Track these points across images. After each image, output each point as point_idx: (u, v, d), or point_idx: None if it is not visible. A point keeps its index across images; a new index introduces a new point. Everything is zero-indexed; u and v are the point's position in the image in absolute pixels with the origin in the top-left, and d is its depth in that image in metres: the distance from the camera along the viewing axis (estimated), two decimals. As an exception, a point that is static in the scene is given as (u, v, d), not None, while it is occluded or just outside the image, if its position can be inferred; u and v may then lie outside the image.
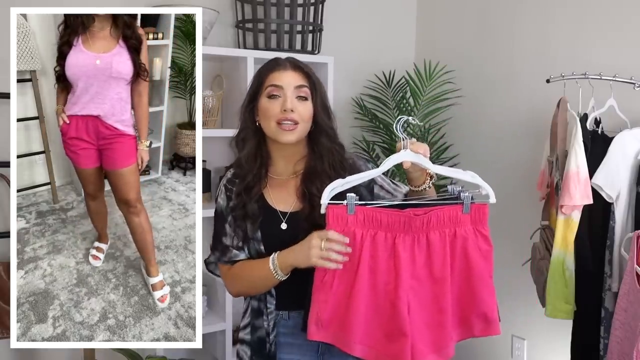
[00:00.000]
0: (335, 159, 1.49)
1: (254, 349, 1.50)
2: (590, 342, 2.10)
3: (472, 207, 1.33)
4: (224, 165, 2.73)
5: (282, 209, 1.49)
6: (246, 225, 1.46)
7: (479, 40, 2.95)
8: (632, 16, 2.27)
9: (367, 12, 3.17)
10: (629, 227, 2.03)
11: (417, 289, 1.31)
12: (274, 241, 1.46)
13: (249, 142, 1.48)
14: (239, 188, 1.47)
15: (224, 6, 2.73)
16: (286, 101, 1.41)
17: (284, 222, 1.48)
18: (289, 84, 1.43)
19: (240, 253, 1.49)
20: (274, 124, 1.42)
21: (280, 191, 1.51)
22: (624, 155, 2.02)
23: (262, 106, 1.45)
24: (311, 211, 1.44)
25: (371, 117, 2.98)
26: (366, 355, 1.31)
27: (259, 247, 1.47)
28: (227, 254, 1.49)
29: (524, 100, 2.70)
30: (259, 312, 1.49)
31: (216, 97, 2.62)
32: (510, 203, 2.74)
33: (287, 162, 1.51)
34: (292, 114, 1.41)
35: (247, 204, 1.45)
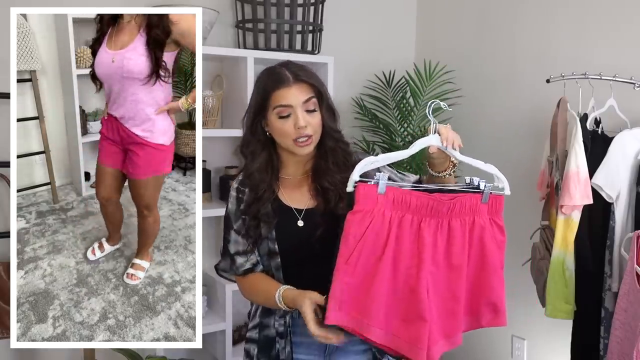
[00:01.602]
0: (340, 157, 1.51)
1: (261, 347, 1.51)
2: (590, 342, 2.10)
3: (490, 197, 1.34)
4: (224, 165, 2.73)
5: (296, 207, 1.50)
6: (260, 225, 1.47)
7: (479, 40, 2.95)
8: (632, 16, 2.27)
9: (367, 12, 3.17)
10: (629, 227, 2.03)
11: (435, 275, 1.30)
12: (289, 239, 1.48)
13: (260, 155, 1.48)
14: (251, 198, 1.48)
15: (224, 6, 2.73)
16: (299, 120, 1.41)
17: (300, 220, 1.49)
18: (297, 101, 1.42)
19: (245, 262, 1.50)
20: (290, 141, 1.44)
21: (293, 191, 1.52)
22: (624, 155, 2.02)
23: (275, 125, 1.44)
24: (326, 206, 1.46)
25: (371, 117, 2.97)
26: (383, 340, 1.29)
27: (272, 246, 1.48)
28: (235, 264, 1.51)
29: (524, 100, 2.70)
30: (269, 311, 1.51)
31: (216, 97, 2.62)
32: (510, 203, 2.73)
33: (298, 164, 1.53)
34: (306, 129, 1.42)
35: (261, 209, 1.46)
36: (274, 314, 1.50)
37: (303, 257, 1.47)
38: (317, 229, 1.45)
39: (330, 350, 1.50)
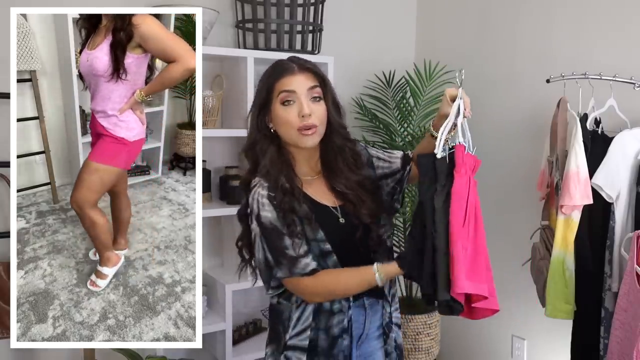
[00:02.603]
0: (349, 157, 1.50)
1: (314, 352, 1.47)
2: (590, 342, 2.10)
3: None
4: (224, 165, 2.73)
5: (330, 205, 1.49)
6: (303, 227, 1.43)
7: (479, 40, 2.94)
8: (632, 16, 2.27)
9: (367, 12, 3.17)
10: (629, 227, 2.03)
11: None
12: (335, 237, 1.46)
13: (269, 151, 1.46)
14: (279, 194, 1.42)
15: (224, 6, 2.73)
16: (303, 106, 1.40)
17: (340, 217, 1.48)
18: (301, 88, 1.41)
19: (310, 261, 1.42)
20: (294, 131, 1.42)
21: (317, 190, 1.51)
22: (624, 155, 2.02)
23: (278, 114, 1.43)
24: (353, 207, 1.47)
25: (371, 117, 2.97)
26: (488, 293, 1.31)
27: (323, 246, 1.44)
28: (298, 265, 1.41)
29: (524, 100, 2.70)
30: (325, 312, 1.47)
31: (216, 97, 2.62)
32: (510, 203, 2.74)
33: (308, 162, 1.51)
34: (310, 118, 1.41)
35: (296, 206, 1.42)
36: (334, 315, 1.47)
37: (350, 253, 1.46)
38: (355, 226, 1.46)
39: (362, 340, 1.51)
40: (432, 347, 2.89)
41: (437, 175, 1.35)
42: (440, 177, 1.35)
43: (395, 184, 1.59)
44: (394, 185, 1.59)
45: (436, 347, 2.92)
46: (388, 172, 1.58)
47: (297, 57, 1.49)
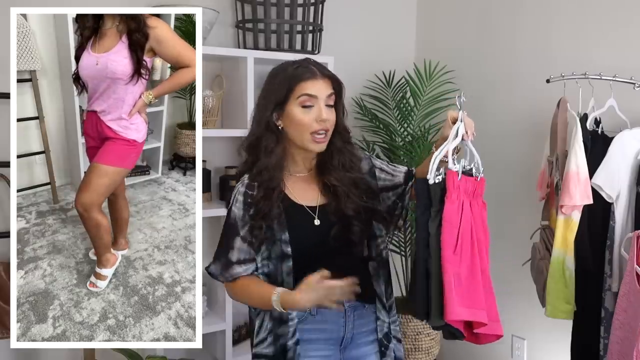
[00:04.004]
0: (347, 158, 1.50)
1: (277, 359, 1.47)
2: (590, 342, 2.10)
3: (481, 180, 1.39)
4: (224, 165, 2.73)
5: (308, 204, 1.49)
6: (273, 226, 1.43)
7: (480, 40, 2.94)
8: (632, 16, 2.27)
9: (367, 12, 3.17)
10: (629, 227, 2.03)
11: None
12: (305, 239, 1.46)
13: (276, 150, 1.45)
14: (259, 195, 1.44)
15: (224, 6, 2.73)
16: (321, 112, 1.42)
17: (317, 218, 1.48)
18: (322, 94, 1.43)
19: (242, 272, 1.45)
20: (307, 134, 1.43)
21: (301, 188, 1.51)
22: (624, 156, 2.02)
23: (295, 116, 1.43)
24: (337, 203, 1.46)
25: (371, 117, 2.98)
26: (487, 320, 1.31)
27: (285, 248, 1.44)
28: (228, 271, 1.46)
29: (524, 100, 2.70)
30: (281, 320, 1.47)
31: (216, 97, 2.62)
32: (510, 203, 2.74)
33: (305, 160, 1.52)
34: (326, 123, 1.43)
35: (272, 208, 1.43)
36: (287, 322, 1.46)
37: (317, 256, 1.44)
38: (333, 226, 1.45)
39: (345, 344, 1.51)
40: (432, 347, 2.89)
41: (431, 201, 1.35)
42: (435, 202, 1.34)
43: (396, 199, 1.57)
44: (395, 199, 1.57)
45: (436, 347, 2.92)
46: (390, 185, 1.57)
47: (315, 61, 1.48)
